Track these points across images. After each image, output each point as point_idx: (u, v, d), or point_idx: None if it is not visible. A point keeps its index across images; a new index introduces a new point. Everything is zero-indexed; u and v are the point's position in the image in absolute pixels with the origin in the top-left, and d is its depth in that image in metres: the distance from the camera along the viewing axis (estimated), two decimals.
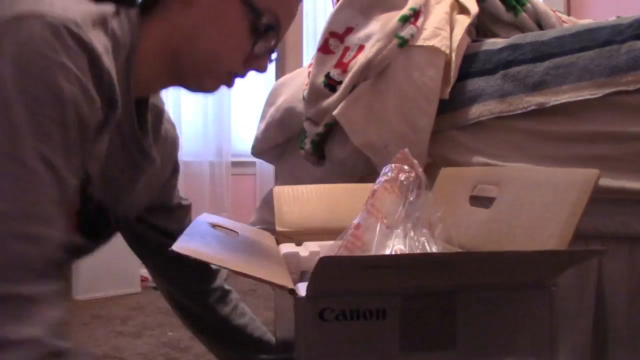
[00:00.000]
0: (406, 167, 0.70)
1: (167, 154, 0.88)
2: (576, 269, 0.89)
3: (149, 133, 0.78)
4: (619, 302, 0.84)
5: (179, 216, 0.97)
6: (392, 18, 1.08)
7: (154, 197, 0.90)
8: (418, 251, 0.62)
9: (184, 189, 3.26)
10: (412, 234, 0.63)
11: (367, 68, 1.05)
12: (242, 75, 0.75)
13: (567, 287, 0.90)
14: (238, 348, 1.00)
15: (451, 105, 1.03)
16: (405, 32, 1.04)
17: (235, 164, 3.46)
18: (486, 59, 1.02)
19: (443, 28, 1.06)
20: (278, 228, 0.93)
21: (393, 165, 0.71)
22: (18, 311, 0.49)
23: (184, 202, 0.98)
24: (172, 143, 0.90)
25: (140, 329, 1.79)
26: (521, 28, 1.21)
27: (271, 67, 0.84)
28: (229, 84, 0.75)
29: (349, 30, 1.14)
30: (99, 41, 0.59)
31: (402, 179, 0.68)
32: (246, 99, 3.48)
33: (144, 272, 2.76)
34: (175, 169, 0.94)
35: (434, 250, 0.63)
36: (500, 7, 1.20)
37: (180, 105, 3.26)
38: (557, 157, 0.89)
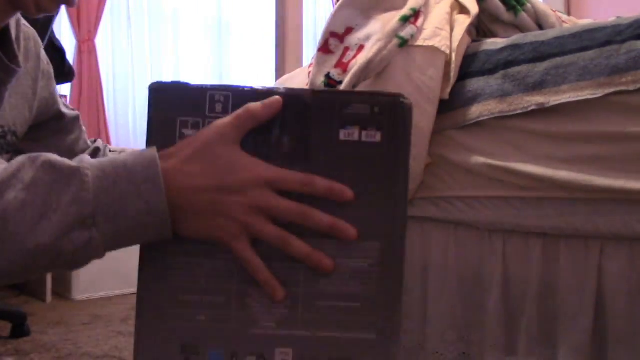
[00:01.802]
0: None
1: (31, 52, 0.90)
2: (576, 268, 0.89)
3: (16, 52, 0.80)
4: (619, 302, 0.84)
5: (70, 127, 0.98)
6: (392, 18, 1.08)
7: (36, 108, 0.92)
8: None
9: None
10: None
11: (367, 68, 1.05)
12: None
13: (567, 287, 0.90)
14: None
15: (451, 105, 1.03)
16: (406, 32, 1.04)
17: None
18: (486, 59, 1.02)
19: (443, 28, 1.06)
20: None
21: None
22: None
23: (71, 113, 1.00)
24: (33, 39, 0.91)
25: None
26: (521, 28, 1.21)
27: (271, 67, 0.85)
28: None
29: (349, 30, 1.14)
30: None
31: None
32: None
33: None
34: (47, 70, 0.94)
35: None
36: (500, 7, 1.20)
37: None
38: (557, 157, 0.89)
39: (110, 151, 1.07)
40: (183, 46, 3.34)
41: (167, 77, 3.32)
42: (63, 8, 0.88)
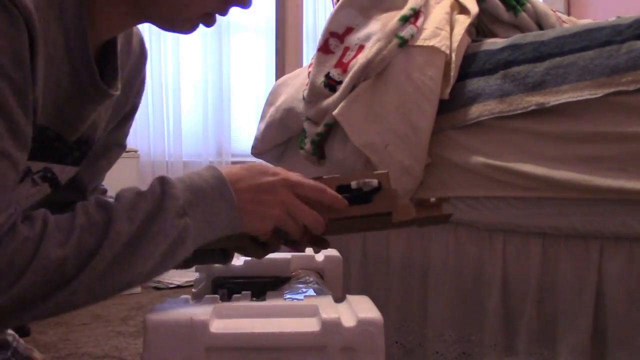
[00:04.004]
0: None
1: (132, 74, 0.83)
2: (576, 268, 0.89)
3: (117, 73, 0.74)
4: (619, 302, 0.84)
5: (113, 156, 0.89)
6: (392, 18, 1.08)
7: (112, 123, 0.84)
8: None
9: None
10: None
11: (367, 68, 1.05)
12: (223, 14, 0.73)
13: (567, 287, 0.90)
14: None
15: (451, 105, 1.03)
16: (405, 32, 1.04)
17: (235, 164, 3.47)
18: (486, 59, 1.02)
19: (443, 28, 1.06)
20: None
21: None
22: None
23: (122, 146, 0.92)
24: (136, 62, 0.84)
25: (140, 329, 1.79)
26: (521, 28, 1.21)
27: (271, 67, 0.84)
28: (208, 23, 0.73)
29: (349, 30, 1.14)
30: None
31: None
32: (246, 99, 3.49)
33: None
34: (139, 90, 0.87)
35: None
36: (500, 7, 1.20)
37: (180, 105, 3.26)
38: (557, 157, 0.89)
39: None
40: (183, 46, 3.34)
41: (168, 78, 3.30)
42: None
